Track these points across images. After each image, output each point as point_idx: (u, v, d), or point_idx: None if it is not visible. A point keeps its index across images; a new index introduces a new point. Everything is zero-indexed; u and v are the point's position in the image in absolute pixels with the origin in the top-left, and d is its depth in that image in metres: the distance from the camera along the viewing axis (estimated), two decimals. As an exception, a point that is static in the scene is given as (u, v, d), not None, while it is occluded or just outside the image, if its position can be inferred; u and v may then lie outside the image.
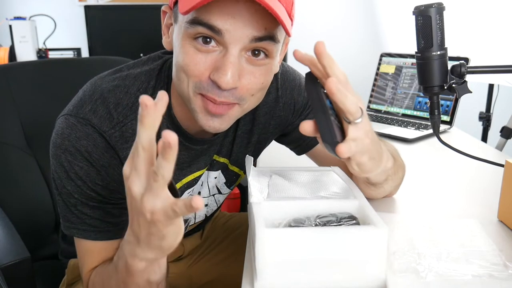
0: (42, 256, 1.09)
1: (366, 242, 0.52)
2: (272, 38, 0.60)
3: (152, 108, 0.45)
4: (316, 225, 0.55)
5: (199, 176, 0.80)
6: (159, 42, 0.76)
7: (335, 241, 0.51)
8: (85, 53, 2.46)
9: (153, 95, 0.69)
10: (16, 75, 1.11)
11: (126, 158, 0.68)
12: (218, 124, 0.65)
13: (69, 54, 2.40)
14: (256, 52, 0.61)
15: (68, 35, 2.52)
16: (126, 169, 0.49)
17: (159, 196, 0.47)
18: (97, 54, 2.37)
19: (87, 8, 2.43)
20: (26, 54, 2.20)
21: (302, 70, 0.92)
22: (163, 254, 0.55)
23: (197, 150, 0.75)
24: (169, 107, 0.70)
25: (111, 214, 0.69)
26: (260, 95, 0.67)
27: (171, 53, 0.72)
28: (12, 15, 2.25)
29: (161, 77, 0.71)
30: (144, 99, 0.44)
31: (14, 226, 0.93)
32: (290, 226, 0.55)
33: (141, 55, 2.46)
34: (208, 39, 0.59)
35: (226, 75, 0.58)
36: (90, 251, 0.71)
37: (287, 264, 0.51)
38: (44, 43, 2.36)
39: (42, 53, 2.26)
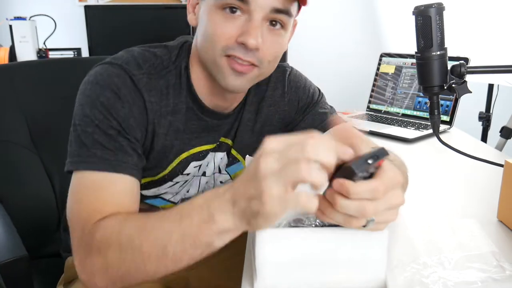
0: (45, 254, 1.09)
1: (366, 242, 0.52)
2: (287, 12, 0.71)
3: None
4: (316, 225, 0.55)
5: (206, 152, 0.84)
6: (159, 42, 0.79)
7: (335, 241, 0.51)
8: (85, 53, 2.45)
9: (175, 63, 0.78)
10: (16, 75, 1.11)
11: (150, 102, 0.74)
12: (239, 82, 0.73)
13: (69, 54, 2.40)
14: (274, 22, 0.71)
15: (68, 35, 2.52)
16: (270, 161, 0.47)
17: (288, 190, 0.46)
18: (97, 54, 2.37)
19: (87, 8, 2.43)
20: (26, 54, 2.20)
21: (304, 71, 0.93)
22: (241, 229, 0.52)
23: (207, 122, 0.81)
24: (188, 78, 0.77)
25: (124, 150, 0.69)
26: (274, 64, 0.76)
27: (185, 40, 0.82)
28: (12, 15, 2.25)
29: (183, 50, 0.80)
30: None
31: (18, 224, 0.93)
32: (290, 226, 0.55)
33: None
34: (234, 9, 0.69)
35: (252, 36, 0.68)
36: (98, 187, 0.66)
37: (287, 264, 0.51)
38: (44, 43, 2.36)
39: (42, 53, 2.26)
